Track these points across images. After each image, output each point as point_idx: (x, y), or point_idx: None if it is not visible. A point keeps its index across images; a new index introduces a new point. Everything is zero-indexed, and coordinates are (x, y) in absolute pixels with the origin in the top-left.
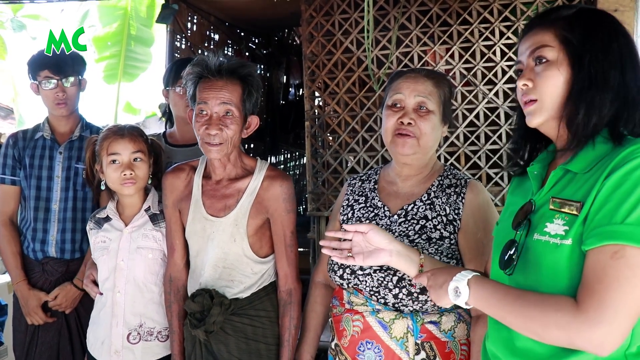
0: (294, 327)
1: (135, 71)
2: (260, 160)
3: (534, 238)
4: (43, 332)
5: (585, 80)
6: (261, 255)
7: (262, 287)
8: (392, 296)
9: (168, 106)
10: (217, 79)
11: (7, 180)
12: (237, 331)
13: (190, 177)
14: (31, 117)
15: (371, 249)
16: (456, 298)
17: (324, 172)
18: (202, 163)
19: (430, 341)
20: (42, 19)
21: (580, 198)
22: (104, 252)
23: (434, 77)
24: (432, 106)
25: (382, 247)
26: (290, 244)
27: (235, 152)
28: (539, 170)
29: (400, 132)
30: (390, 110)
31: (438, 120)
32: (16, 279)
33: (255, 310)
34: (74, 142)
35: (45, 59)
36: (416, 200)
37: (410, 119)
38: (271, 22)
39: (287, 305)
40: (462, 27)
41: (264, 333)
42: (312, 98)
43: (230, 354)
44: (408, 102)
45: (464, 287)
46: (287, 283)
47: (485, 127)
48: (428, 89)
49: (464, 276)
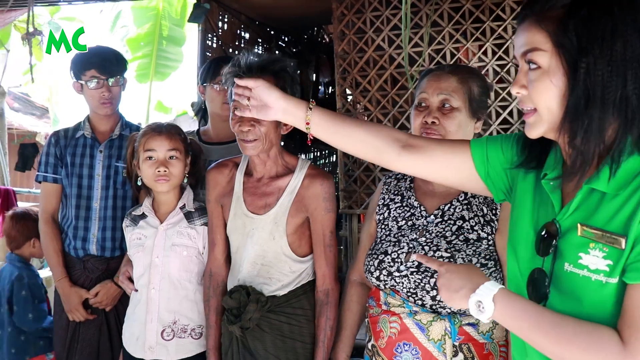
0: (329, 328)
1: (166, 70)
2: (302, 158)
3: (567, 269)
4: (84, 328)
5: (581, 96)
6: (300, 255)
7: (299, 285)
8: (429, 298)
9: (203, 103)
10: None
11: (49, 178)
12: (274, 329)
13: (232, 174)
14: (65, 117)
15: (262, 104)
16: (478, 313)
17: (355, 170)
18: (245, 160)
19: (468, 343)
20: (78, 21)
21: (621, 229)
22: (139, 248)
23: (459, 73)
24: (457, 103)
25: (269, 104)
26: (329, 244)
27: (276, 149)
28: (555, 183)
29: (425, 131)
30: (417, 110)
31: (465, 117)
32: (58, 276)
33: (292, 308)
34: (114, 141)
35: (92, 58)
36: (452, 199)
37: (434, 118)
38: (301, 21)
39: (323, 306)
40: (495, 23)
41: (301, 331)
42: (344, 96)
43: (266, 351)
44: (432, 100)
45: (488, 303)
46: (325, 283)
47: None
48: (452, 85)
49: (489, 290)
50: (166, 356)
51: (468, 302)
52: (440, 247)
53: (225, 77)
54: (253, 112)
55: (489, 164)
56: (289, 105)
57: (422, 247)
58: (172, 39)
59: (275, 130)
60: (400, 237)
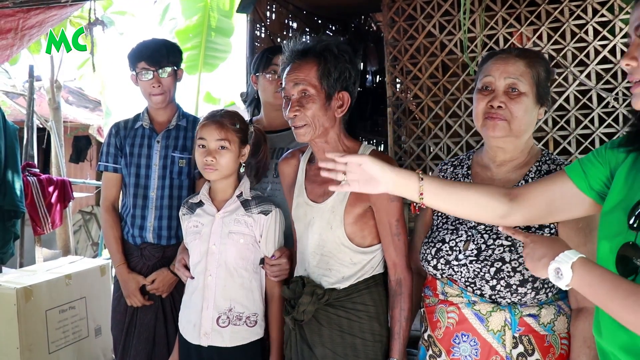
0: (404, 319)
1: (215, 61)
2: (365, 144)
3: None
4: (141, 314)
5: None
6: (363, 245)
7: (362, 279)
8: (489, 288)
9: (256, 93)
10: (292, 62)
11: (110, 168)
12: (332, 323)
13: (298, 162)
14: (117, 109)
15: (367, 178)
16: (557, 279)
17: (406, 159)
18: (309, 148)
19: (529, 335)
20: (129, 14)
21: None
22: (196, 236)
23: (526, 57)
24: (524, 87)
25: (377, 178)
26: (396, 233)
27: (334, 133)
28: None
29: (490, 115)
30: (480, 94)
31: (531, 102)
32: (117, 262)
33: (353, 303)
34: (170, 131)
35: (142, 51)
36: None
37: (501, 102)
38: (348, 9)
39: (396, 296)
40: (550, 6)
41: (361, 327)
42: (394, 84)
43: (323, 345)
44: (498, 84)
45: (567, 270)
46: (397, 272)
47: (576, 110)
48: (519, 69)
49: (568, 258)
50: (221, 342)
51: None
52: (500, 235)
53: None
54: (357, 187)
55: (588, 178)
56: (398, 178)
57: (481, 234)
58: (221, 30)
59: (325, 113)
60: (458, 225)
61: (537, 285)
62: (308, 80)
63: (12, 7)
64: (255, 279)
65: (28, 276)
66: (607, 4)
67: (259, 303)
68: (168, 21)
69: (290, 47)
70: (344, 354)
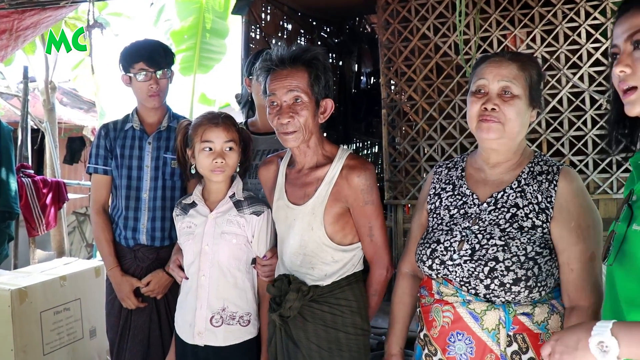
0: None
1: (210, 63)
2: (343, 148)
3: (633, 228)
4: (136, 316)
5: None
6: (344, 243)
7: (344, 276)
8: (483, 287)
9: (250, 95)
10: (282, 68)
11: (100, 170)
12: (316, 318)
13: (277, 168)
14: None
15: None
16: (604, 355)
17: (400, 160)
18: (288, 152)
19: (523, 333)
20: (125, 16)
21: None
22: (189, 237)
23: (519, 60)
24: (517, 90)
25: None
26: (370, 234)
27: (315, 139)
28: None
29: (484, 118)
30: (474, 96)
31: (524, 105)
32: (109, 265)
33: (336, 299)
34: (162, 133)
35: (140, 51)
36: (506, 187)
37: (494, 105)
38: (343, 11)
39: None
40: (544, 9)
41: (344, 322)
42: (388, 86)
43: (308, 340)
44: (492, 87)
45: (610, 340)
46: (373, 270)
47: (569, 112)
48: (513, 72)
49: (605, 327)
50: (215, 342)
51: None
52: (494, 235)
53: (258, 73)
54: None
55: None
56: None
57: (475, 235)
58: (215, 31)
59: (313, 119)
60: (453, 226)
61: (531, 284)
62: (301, 87)
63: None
64: (248, 279)
65: (22, 277)
66: (599, 7)
67: (252, 302)
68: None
69: (276, 53)
70: (328, 348)
